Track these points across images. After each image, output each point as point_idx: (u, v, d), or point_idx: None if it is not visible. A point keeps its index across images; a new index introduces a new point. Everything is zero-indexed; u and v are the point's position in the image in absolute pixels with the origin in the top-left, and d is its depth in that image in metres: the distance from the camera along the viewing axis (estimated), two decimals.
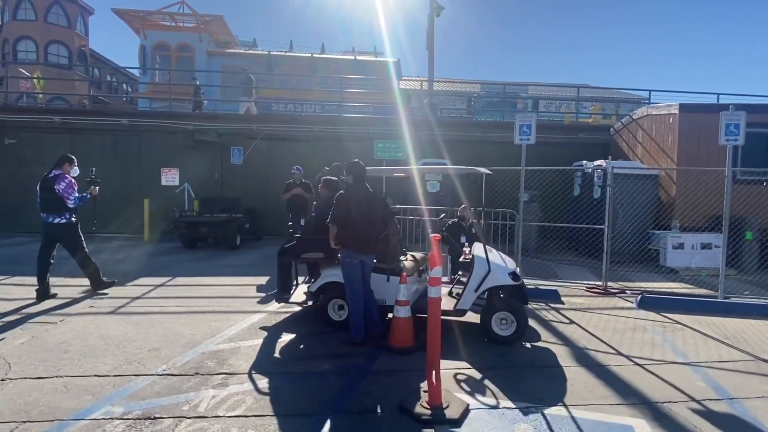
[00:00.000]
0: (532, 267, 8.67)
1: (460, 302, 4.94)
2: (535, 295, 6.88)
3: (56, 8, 28.97)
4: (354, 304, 4.74)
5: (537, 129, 14.84)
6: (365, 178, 4.81)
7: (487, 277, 4.87)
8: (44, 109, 13.77)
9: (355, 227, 4.65)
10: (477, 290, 4.88)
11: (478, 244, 5.58)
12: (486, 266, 4.86)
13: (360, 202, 4.66)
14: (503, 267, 4.97)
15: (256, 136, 13.69)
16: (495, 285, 4.92)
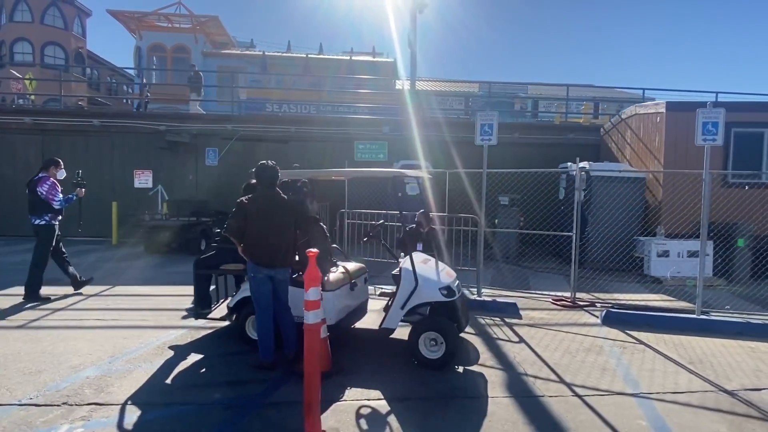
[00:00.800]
0: (505, 275, 8.12)
1: (385, 320, 4.43)
2: (491, 308, 6.34)
3: (53, 10, 28.95)
4: (260, 323, 4.24)
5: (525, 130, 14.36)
6: (274, 182, 4.30)
7: (414, 293, 4.35)
8: (14, 109, 13.49)
9: (258, 238, 4.16)
10: (404, 307, 4.36)
11: (416, 254, 5.06)
12: (413, 280, 4.34)
13: (263, 209, 4.17)
14: (434, 281, 4.44)
15: (231, 137, 13.29)
16: (424, 301, 4.40)
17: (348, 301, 4.90)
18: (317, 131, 13.48)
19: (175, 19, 26.38)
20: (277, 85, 24.17)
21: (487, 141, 6.99)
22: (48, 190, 6.26)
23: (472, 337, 5.31)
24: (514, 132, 13.77)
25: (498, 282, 8.07)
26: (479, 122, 7.03)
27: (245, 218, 4.16)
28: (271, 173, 4.30)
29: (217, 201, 12.16)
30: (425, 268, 4.61)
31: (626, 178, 9.71)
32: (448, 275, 4.72)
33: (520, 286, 7.69)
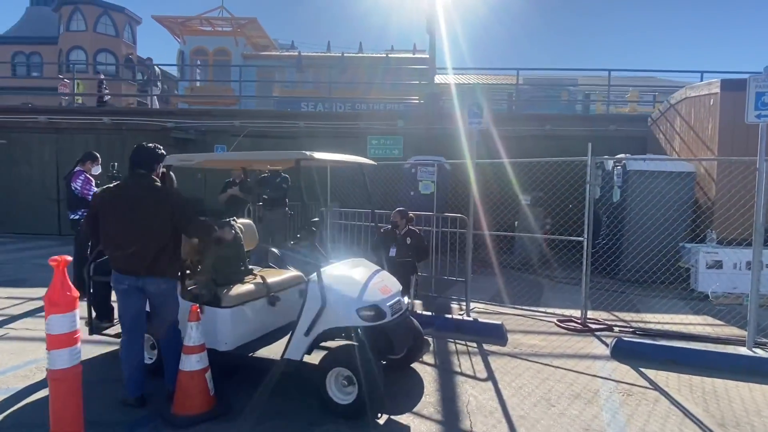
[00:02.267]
0: (514, 288, 6.81)
1: (287, 349, 3.40)
2: (471, 330, 5.13)
3: (105, 18, 30.28)
4: (124, 350, 3.36)
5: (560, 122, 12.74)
6: (146, 167, 3.40)
7: (320, 315, 3.29)
8: (30, 109, 13.70)
9: (115, 237, 3.28)
10: (309, 333, 3.32)
11: (344, 263, 3.99)
12: (319, 298, 3.29)
13: (123, 201, 3.28)
14: (350, 299, 3.36)
15: (239, 134, 12.72)
16: (334, 326, 3.34)
17: (262, 320, 3.92)
18: (328, 126, 12.64)
19: (217, 23, 26.69)
20: (313, 85, 23.81)
21: (476, 125, 5.78)
22: (82, 185, 6.09)
23: (428, 370, 4.17)
24: (545, 124, 12.27)
25: (502, 295, 6.78)
26: (467, 104, 5.84)
27: (95, 215, 3.31)
28: (143, 156, 3.41)
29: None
30: (344, 281, 3.54)
31: (671, 173, 8.07)
32: (382, 291, 3.62)
33: (526, 301, 6.37)
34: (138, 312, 3.36)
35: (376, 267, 4.09)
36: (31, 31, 33.66)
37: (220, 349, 3.59)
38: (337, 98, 21.02)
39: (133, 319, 3.35)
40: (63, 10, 29.51)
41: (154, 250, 3.27)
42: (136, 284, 3.28)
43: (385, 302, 3.52)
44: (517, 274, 7.99)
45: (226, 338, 3.59)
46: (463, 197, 8.52)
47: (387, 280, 3.86)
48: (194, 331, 3.23)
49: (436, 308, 6.04)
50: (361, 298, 3.39)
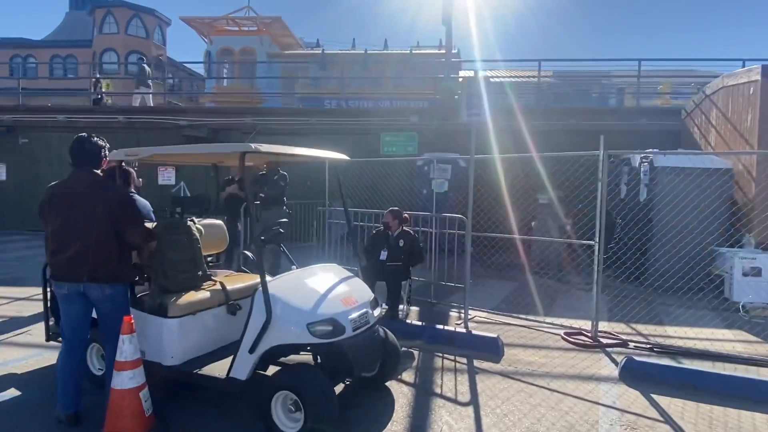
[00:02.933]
0: (526, 295, 6.25)
1: (232, 368, 3.02)
2: (464, 343, 4.63)
3: (136, 21, 30.99)
4: (60, 360, 3.07)
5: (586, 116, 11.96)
6: (86, 162, 3.09)
7: (266, 330, 2.90)
8: (49, 108, 13.94)
9: (54, 238, 3.00)
10: (253, 350, 2.93)
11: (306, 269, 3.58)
12: (263, 311, 2.89)
13: (61, 199, 3.00)
14: (302, 312, 2.95)
15: (250, 131, 12.56)
16: (282, 343, 2.94)
17: (218, 332, 3.56)
18: (340, 123, 12.29)
19: (243, 22, 26.84)
20: (336, 82, 23.61)
21: (476, 116, 5.28)
22: None
23: (404, 390, 3.72)
24: (568, 118, 11.53)
25: (511, 303, 6.23)
26: (466, 93, 5.33)
27: (44, 216, 3.03)
28: (84, 149, 3.11)
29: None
30: (297, 291, 3.13)
31: (705, 170, 7.29)
32: (345, 302, 3.19)
33: (536, 310, 5.80)
34: (79, 320, 3.07)
35: (347, 274, 3.67)
36: (69, 35, 34.92)
37: (166, 363, 3.25)
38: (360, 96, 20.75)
39: (73, 328, 3.07)
40: (97, 13, 30.39)
41: (96, 253, 2.96)
42: (78, 290, 2.98)
43: (345, 315, 3.10)
44: (533, 279, 7.37)
45: (172, 351, 3.25)
46: (480, 196, 8.03)
47: (354, 290, 3.43)
48: (126, 345, 2.90)
49: (432, 317, 5.58)
50: (314, 311, 2.97)
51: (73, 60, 31.89)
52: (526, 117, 11.69)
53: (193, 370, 3.20)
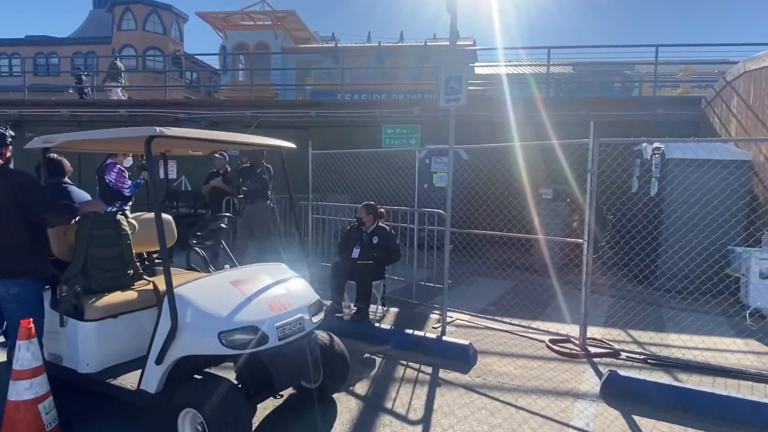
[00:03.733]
0: (520, 296, 5.79)
1: (142, 380, 2.71)
2: (433, 350, 4.24)
3: (153, 17, 31.28)
4: None
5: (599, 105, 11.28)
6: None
7: (173, 339, 2.57)
8: (53, 102, 14.00)
9: None
10: (161, 360, 2.61)
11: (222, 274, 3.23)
12: (168, 318, 2.56)
13: None
14: (214, 318, 2.60)
15: (251, 125, 12.33)
16: (191, 354, 2.61)
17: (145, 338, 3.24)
18: (340, 115, 11.94)
19: (258, 17, 26.79)
20: (349, 75, 23.33)
21: (454, 102, 4.83)
22: (116, 177, 5.95)
23: (351, 404, 3.35)
24: (579, 108, 10.91)
25: (501, 305, 5.77)
26: (443, 76, 4.88)
27: None
28: None
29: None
30: (213, 294, 2.79)
31: (721, 162, 6.68)
32: (274, 307, 2.83)
33: (526, 313, 5.33)
34: None
35: (288, 275, 3.31)
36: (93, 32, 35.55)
37: (80, 371, 2.97)
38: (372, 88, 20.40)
39: None
40: (116, 10, 30.77)
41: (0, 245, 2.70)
42: None
43: (271, 322, 2.74)
44: (532, 278, 6.88)
45: (88, 358, 2.96)
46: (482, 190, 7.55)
47: (291, 293, 3.06)
48: (23, 352, 2.62)
49: (410, 320, 5.19)
50: (231, 318, 2.62)
51: (94, 56, 32.42)
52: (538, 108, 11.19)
53: (106, 380, 2.91)
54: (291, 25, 26.70)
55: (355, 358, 4.07)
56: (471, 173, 10.26)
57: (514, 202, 7.02)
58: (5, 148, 2.97)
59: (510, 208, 6.71)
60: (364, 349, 4.29)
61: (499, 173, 7.85)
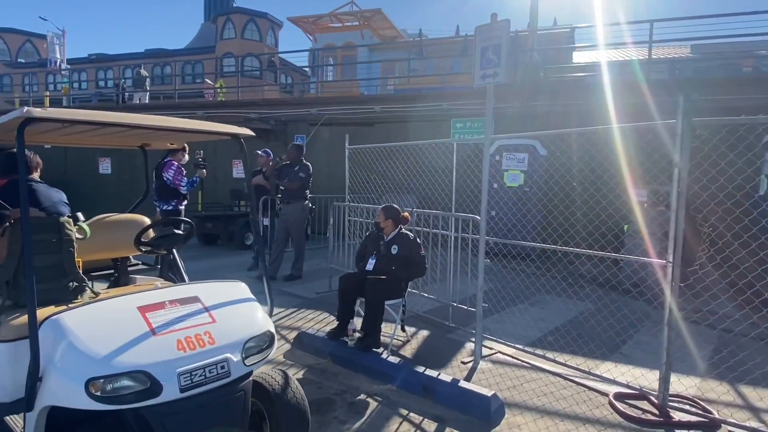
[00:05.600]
0: (600, 319, 4.57)
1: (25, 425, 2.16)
2: (444, 397, 3.27)
3: (251, 25, 33.10)
4: None
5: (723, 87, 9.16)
6: None
7: (42, 383, 1.98)
8: (124, 106, 14.92)
9: None
10: (31, 407, 2.04)
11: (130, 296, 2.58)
12: (32, 357, 1.97)
13: None
14: (82, 360, 1.95)
15: (317, 122, 12.05)
16: (57, 404, 1.99)
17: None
18: (406, 110, 11.16)
19: (346, 18, 27.05)
20: (435, 70, 22.52)
21: (490, 78, 3.80)
22: (174, 175, 6.08)
23: None
24: (701, 90, 8.96)
25: (564, 335, 4.57)
26: (479, 46, 3.85)
27: None
28: None
29: None
30: (111, 323, 2.15)
31: None
32: (184, 345, 2.13)
33: (594, 350, 4.11)
34: None
35: (238, 298, 2.60)
36: (202, 43, 38.55)
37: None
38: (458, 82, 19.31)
39: None
40: (218, 21, 33.03)
41: None
42: None
43: (172, 366, 2.04)
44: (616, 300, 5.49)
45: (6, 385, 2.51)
46: (563, 191, 6.32)
47: (220, 325, 2.34)
48: None
49: (436, 348, 4.25)
50: (108, 360, 1.96)
51: (200, 67, 35.11)
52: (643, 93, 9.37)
53: (7, 415, 2.42)
54: (377, 24, 26.51)
55: (345, 399, 3.27)
56: (549, 171, 8.91)
57: (598, 207, 5.66)
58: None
59: (591, 213, 5.41)
60: (360, 388, 3.46)
61: (584, 171, 6.53)
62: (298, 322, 4.92)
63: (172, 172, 6.11)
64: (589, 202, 5.60)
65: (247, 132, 2.87)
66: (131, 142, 3.68)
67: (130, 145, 3.79)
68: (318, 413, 3.09)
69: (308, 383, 3.54)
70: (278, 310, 5.36)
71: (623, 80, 10.89)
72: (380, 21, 26.60)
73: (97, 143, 3.84)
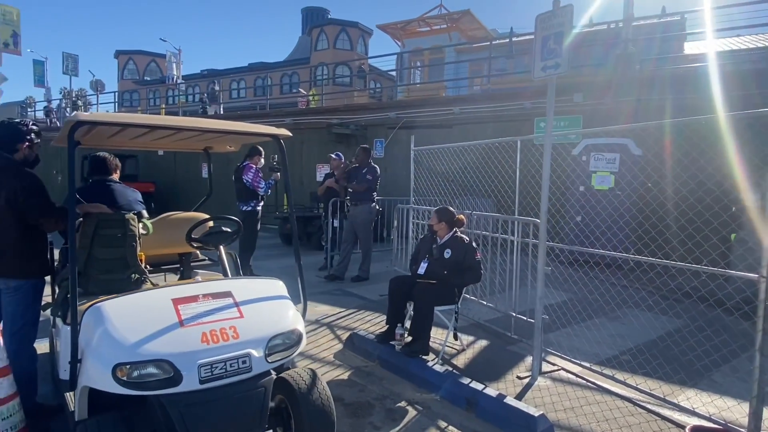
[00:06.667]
0: (698, 339, 4.03)
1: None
2: (487, 413, 3.05)
3: (342, 35, 34.39)
4: None
5: None
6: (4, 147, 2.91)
7: (81, 365, 2.16)
8: (237, 115, 15.98)
9: None
10: (73, 386, 2.23)
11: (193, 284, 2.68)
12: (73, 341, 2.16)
13: None
14: (110, 346, 2.09)
15: (395, 125, 12.13)
16: (92, 386, 2.14)
17: None
18: (485, 110, 10.81)
19: (434, 21, 27.08)
20: (525, 68, 21.68)
21: (552, 70, 3.49)
22: (253, 177, 6.45)
23: None
24: None
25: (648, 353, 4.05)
26: (540, 35, 3.56)
27: None
28: (5, 129, 2.95)
29: None
30: (142, 310, 2.29)
31: None
32: (208, 338, 2.21)
33: (676, 374, 3.61)
34: None
35: (272, 295, 2.65)
36: (299, 55, 40.86)
37: (60, 376, 2.82)
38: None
39: None
40: (313, 33, 34.72)
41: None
42: None
43: (194, 357, 2.12)
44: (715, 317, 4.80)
45: (65, 363, 2.80)
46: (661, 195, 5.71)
47: (247, 321, 2.39)
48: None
49: (492, 360, 4.01)
50: (135, 347, 2.08)
51: (296, 77, 37.21)
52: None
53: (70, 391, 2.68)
54: (466, 25, 26.11)
55: (384, 404, 3.20)
56: (644, 172, 8.09)
57: (699, 218, 4.96)
58: (22, 143, 3.01)
59: (690, 219, 4.77)
60: (402, 395, 3.35)
61: (685, 171, 5.80)
62: (355, 323, 4.93)
63: (251, 174, 6.40)
64: (687, 211, 4.92)
65: (285, 133, 2.93)
66: (196, 146, 3.94)
67: (196, 149, 4.05)
68: (354, 416, 3.05)
69: (351, 385, 3.51)
70: (339, 310, 5.43)
71: (736, 70, 9.55)
72: (469, 22, 26.14)
73: (169, 147, 4.16)
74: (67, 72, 28.33)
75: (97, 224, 3.05)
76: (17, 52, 14.86)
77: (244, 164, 6.55)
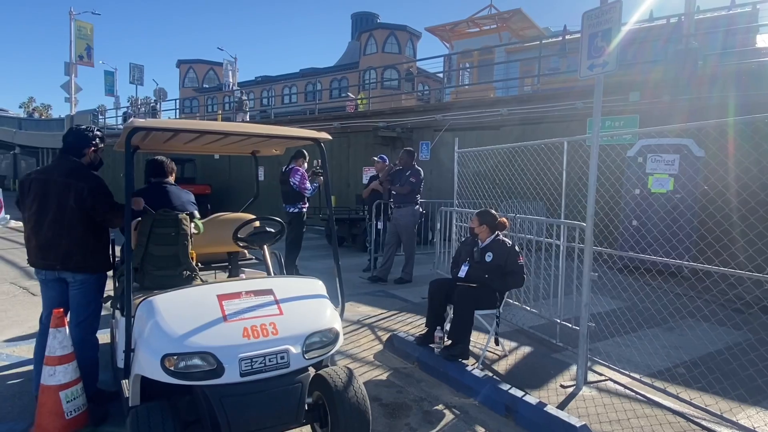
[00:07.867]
0: (749, 354, 3.80)
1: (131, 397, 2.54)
2: (527, 422, 2.98)
3: (391, 39, 34.64)
4: (36, 344, 3.19)
5: None
6: (68, 151, 3.17)
7: (134, 354, 2.32)
8: (287, 120, 16.41)
9: (29, 226, 3.14)
10: (128, 374, 2.40)
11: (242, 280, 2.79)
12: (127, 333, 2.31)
13: (39, 186, 3.08)
14: (160, 337, 2.22)
15: (441, 128, 12.09)
16: (143, 374, 2.29)
17: None
18: (534, 111, 10.55)
19: (483, 22, 26.74)
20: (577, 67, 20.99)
21: (600, 68, 3.37)
22: (300, 180, 6.64)
23: None
24: None
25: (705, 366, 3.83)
26: (587, 31, 3.44)
27: (21, 202, 3.21)
28: (69, 138, 3.24)
29: None
30: (189, 304, 2.42)
31: None
32: (249, 333, 2.31)
33: (733, 390, 3.39)
34: (55, 305, 3.15)
35: (310, 294, 2.73)
36: (348, 60, 41.55)
37: (118, 364, 3.03)
38: None
39: (46, 312, 3.18)
40: (362, 38, 35.19)
41: (67, 241, 3.04)
42: (53, 276, 3.12)
43: (236, 351, 2.23)
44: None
45: (122, 354, 3.01)
46: (725, 201, 5.39)
47: (287, 318, 2.48)
48: (51, 339, 2.80)
49: (534, 368, 3.91)
50: (182, 339, 2.21)
51: (345, 82, 37.83)
52: None
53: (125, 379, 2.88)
54: (516, 24, 25.57)
55: (422, 407, 3.20)
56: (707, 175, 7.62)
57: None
58: (89, 148, 3.27)
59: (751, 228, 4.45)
60: (440, 398, 3.34)
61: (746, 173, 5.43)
62: (396, 325, 4.96)
63: (299, 177, 6.56)
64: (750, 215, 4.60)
65: (326, 136, 3.01)
66: (244, 150, 4.11)
67: (244, 152, 4.23)
68: (390, 417, 3.07)
69: (389, 386, 3.54)
70: (380, 311, 5.48)
71: None
72: (520, 21, 25.58)
73: (220, 150, 4.39)
74: (133, 81, 30.24)
75: (152, 223, 3.26)
76: (90, 64, 16.08)
77: (290, 167, 6.72)
